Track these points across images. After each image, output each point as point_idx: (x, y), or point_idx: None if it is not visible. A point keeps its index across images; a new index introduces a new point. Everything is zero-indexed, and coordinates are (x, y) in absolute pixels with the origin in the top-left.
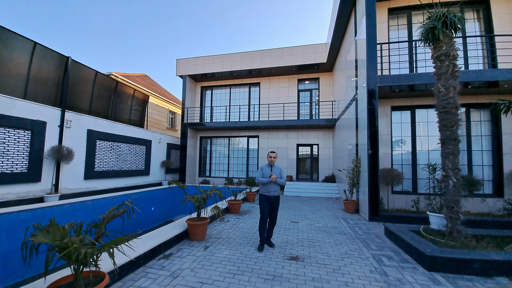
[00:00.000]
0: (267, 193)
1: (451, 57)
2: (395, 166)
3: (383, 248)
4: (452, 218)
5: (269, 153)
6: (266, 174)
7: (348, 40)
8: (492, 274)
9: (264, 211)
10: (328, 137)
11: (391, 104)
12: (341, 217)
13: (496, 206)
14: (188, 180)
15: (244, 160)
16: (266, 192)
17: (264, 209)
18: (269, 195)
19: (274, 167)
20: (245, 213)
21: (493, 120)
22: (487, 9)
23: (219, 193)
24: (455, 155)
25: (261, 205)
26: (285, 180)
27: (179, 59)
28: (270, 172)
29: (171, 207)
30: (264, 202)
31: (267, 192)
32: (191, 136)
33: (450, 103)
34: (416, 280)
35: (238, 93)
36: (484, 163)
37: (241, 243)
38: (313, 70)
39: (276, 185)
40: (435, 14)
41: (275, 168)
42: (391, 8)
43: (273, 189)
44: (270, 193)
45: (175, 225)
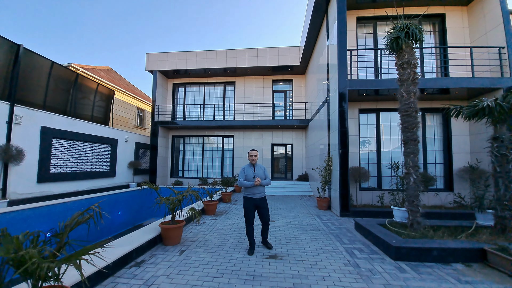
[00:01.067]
0: (252, 195)
1: (412, 65)
2: (362, 165)
3: (354, 241)
4: (412, 211)
5: (249, 151)
6: (249, 175)
7: (320, 44)
8: (448, 260)
9: (249, 215)
10: (302, 137)
11: (359, 107)
12: (315, 214)
13: (447, 199)
14: (159, 182)
15: (219, 160)
16: (251, 194)
17: (249, 213)
18: (255, 197)
19: (257, 167)
20: (222, 213)
21: (445, 123)
22: (442, 23)
23: (196, 194)
24: (415, 154)
25: (246, 209)
26: (270, 180)
27: (149, 53)
28: (253, 173)
29: (140, 210)
30: (249, 206)
31: (252, 194)
32: (162, 135)
33: (411, 107)
34: (385, 270)
35: (213, 91)
36: (437, 161)
37: (219, 244)
38: (287, 71)
39: (261, 187)
40: (399, 25)
41: (258, 168)
42: (359, 17)
43: (258, 190)
44: (255, 195)
45: (147, 230)
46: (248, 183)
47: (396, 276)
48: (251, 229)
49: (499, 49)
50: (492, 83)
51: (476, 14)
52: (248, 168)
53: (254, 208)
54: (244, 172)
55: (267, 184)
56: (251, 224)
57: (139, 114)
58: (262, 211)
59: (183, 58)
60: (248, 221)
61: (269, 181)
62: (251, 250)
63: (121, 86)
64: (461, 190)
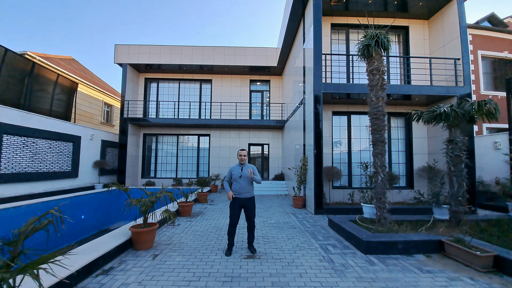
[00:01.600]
0: (239, 195)
1: (380, 72)
2: (334, 164)
3: (328, 238)
4: (380, 207)
5: (238, 151)
6: (236, 174)
7: (296, 47)
8: (411, 252)
9: (234, 215)
10: (278, 137)
11: (332, 109)
12: (291, 212)
13: (409, 196)
14: (129, 182)
15: (195, 159)
16: (237, 194)
17: (233, 213)
18: (240, 197)
19: (245, 166)
20: (197, 214)
21: (407, 127)
22: (406, 34)
23: (170, 195)
24: (382, 155)
25: (231, 208)
26: (260, 178)
27: (118, 44)
28: (240, 172)
29: (107, 214)
30: (235, 206)
31: (238, 194)
32: (132, 133)
33: (379, 111)
34: (357, 264)
35: (188, 88)
36: (400, 161)
37: (195, 247)
38: (264, 72)
39: (247, 186)
40: (369, 34)
41: (246, 167)
42: (333, 23)
43: (244, 190)
44: (241, 195)
45: (115, 235)
46: (227, 186)
47: (366, 269)
48: (233, 230)
49: (455, 61)
50: (448, 91)
51: (436, 28)
52: (236, 167)
53: (239, 208)
54: (231, 172)
55: (258, 181)
56: (234, 225)
57: (106, 109)
58: (248, 211)
59: (156, 52)
60: (231, 221)
61: (259, 178)
62: (228, 251)
63: (86, 78)
64: (420, 188)
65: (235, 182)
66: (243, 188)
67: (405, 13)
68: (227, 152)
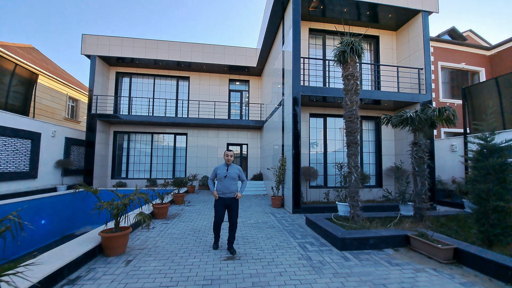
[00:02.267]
0: (222, 194)
1: (355, 77)
2: (311, 165)
3: (306, 236)
4: (353, 205)
5: (225, 151)
6: (221, 174)
7: (276, 49)
8: (382, 247)
9: (218, 215)
10: (257, 137)
11: (309, 111)
12: (270, 212)
13: (378, 194)
14: (97, 183)
15: (171, 159)
16: (221, 193)
17: (218, 213)
18: (224, 197)
19: (231, 167)
20: (174, 216)
21: (377, 129)
22: (377, 43)
23: (145, 196)
24: (356, 156)
25: (215, 208)
26: (246, 182)
27: (86, 34)
28: (225, 172)
29: (72, 218)
30: (219, 205)
31: (222, 194)
32: (101, 130)
33: (353, 114)
34: (333, 260)
35: (164, 85)
36: (370, 162)
37: (172, 250)
38: (244, 72)
39: (232, 186)
40: (345, 41)
41: (232, 168)
42: (311, 28)
43: (228, 190)
44: (225, 194)
45: (83, 240)
46: (211, 185)
47: (342, 265)
48: (218, 228)
49: (419, 70)
50: (412, 98)
51: (403, 39)
52: (222, 167)
53: (223, 208)
54: (216, 171)
55: (244, 188)
56: (218, 224)
57: (71, 104)
58: (231, 211)
59: (129, 45)
60: (216, 220)
61: (245, 184)
62: (215, 244)
63: (48, 69)
64: (388, 186)
65: (220, 181)
66: (227, 188)
67: (376, 24)
68: (205, 151)
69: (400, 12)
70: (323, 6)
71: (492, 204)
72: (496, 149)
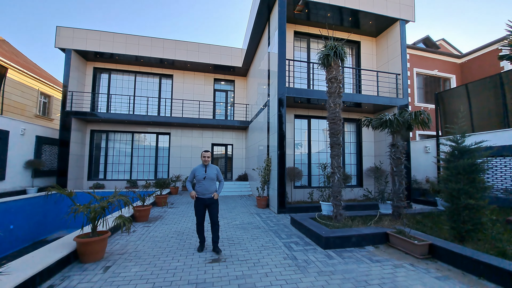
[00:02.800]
0: (202, 195)
1: (338, 81)
2: (296, 165)
3: (291, 236)
4: (336, 205)
5: (202, 152)
6: (199, 175)
7: (262, 50)
8: (363, 244)
9: (199, 215)
10: (242, 138)
11: (294, 113)
12: (255, 212)
13: (359, 194)
14: (72, 185)
15: (153, 159)
16: (201, 194)
17: (199, 213)
18: (204, 197)
19: (209, 167)
20: (156, 219)
21: (358, 131)
22: (358, 49)
23: (125, 199)
24: (339, 156)
25: (196, 208)
26: (223, 182)
27: (61, 27)
28: (204, 174)
29: (44, 222)
30: (199, 206)
31: (202, 195)
32: (77, 129)
33: (337, 116)
34: (317, 259)
35: (146, 83)
36: (352, 162)
37: (154, 254)
38: (229, 72)
39: (211, 187)
40: (329, 45)
41: (210, 168)
42: (296, 31)
43: (207, 191)
44: (205, 195)
45: (56, 246)
46: (189, 187)
47: (326, 263)
48: (201, 228)
49: (396, 76)
50: (390, 102)
51: (382, 45)
52: (200, 168)
53: (204, 208)
54: (194, 172)
55: (221, 189)
56: (200, 224)
57: (43, 100)
58: (211, 210)
59: (108, 40)
60: (198, 221)
61: (223, 184)
62: (201, 247)
63: (17, 63)
64: (368, 186)
65: (199, 183)
66: (207, 189)
67: (358, 30)
68: (189, 152)
69: (380, 19)
70: (308, 10)
71: (463, 202)
72: (466, 150)
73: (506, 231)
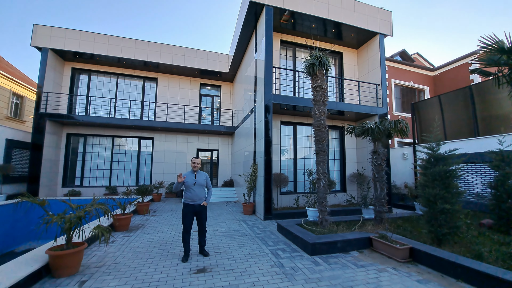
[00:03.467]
0: (192, 202)
1: (323, 89)
2: (282, 171)
3: (277, 242)
4: (322, 210)
5: (192, 158)
6: (189, 181)
7: (248, 56)
8: (348, 250)
9: (187, 222)
10: (228, 143)
11: (280, 119)
12: (241, 219)
13: (343, 199)
14: (45, 192)
15: (134, 165)
16: (191, 201)
17: (187, 220)
18: (194, 204)
19: (199, 174)
20: (137, 228)
21: (341, 138)
22: (341, 59)
23: (104, 207)
24: (324, 163)
25: (184, 215)
26: (212, 189)
27: (38, 25)
28: (194, 180)
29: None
30: (188, 213)
31: (192, 201)
32: (51, 132)
33: (322, 124)
34: (304, 266)
35: (129, 85)
36: (336, 168)
37: (135, 266)
38: (215, 77)
39: (201, 193)
40: (314, 55)
41: (200, 175)
42: (282, 40)
43: (197, 197)
44: (195, 202)
45: (26, 260)
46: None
47: (313, 270)
48: (188, 236)
49: (376, 86)
50: (371, 111)
51: (363, 57)
52: (190, 174)
53: (192, 215)
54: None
55: (210, 197)
56: (187, 231)
57: (15, 101)
58: (201, 216)
59: (89, 40)
60: (185, 228)
61: (211, 192)
62: (185, 257)
63: None
64: (352, 191)
65: (189, 189)
66: (197, 195)
67: (341, 41)
68: (173, 157)
69: (361, 32)
70: (294, 20)
71: (439, 206)
72: (442, 157)
73: (480, 234)
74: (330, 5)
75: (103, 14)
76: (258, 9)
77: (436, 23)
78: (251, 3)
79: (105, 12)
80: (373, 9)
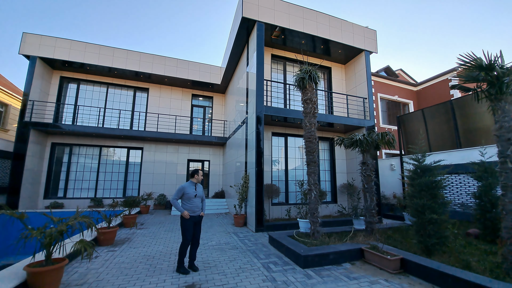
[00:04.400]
0: (192, 213)
1: (313, 102)
2: (273, 182)
3: (269, 255)
4: (314, 222)
5: (199, 171)
6: (190, 193)
7: (240, 69)
8: (340, 261)
9: (189, 233)
10: (219, 154)
11: (271, 130)
12: (232, 231)
13: (334, 210)
14: (26, 204)
15: (122, 175)
16: (191, 212)
17: (189, 231)
18: (194, 215)
19: (198, 186)
20: (123, 242)
21: (331, 149)
22: (330, 74)
23: (89, 221)
24: (315, 173)
25: (186, 226)
26: (205, 200)
27: (27, 33)
28: (194, 191)
29: None
30: (190, 224)
31: (192, 212)
32: (35, 141)
33: (312, 135)
34: (296, 279)
35: (119, 95)
36: (326, 179)
37: (120, 284)
38: (207, 88)
39: (200, 204)
40: (304, 69)
41: (199, 187)
42: (273, 54)
43: (197, 208)
44: (195, 212)
45: (3, 277)
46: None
47: (305, 283)
48: (185, 249)
49: (363, 99)
50: (359, 123)
51: (350, 72)
52: (190, 186)
53: (194, 226)
54: (183, 190)
55: (205, 207)
56: (188, 244)
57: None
58: (198, 227)
59: (80, 49)
60: (187, 240)
61: (205, 202)
62: (182, 268)
63: None
64: (342, 202)
65: (190, 201)
66: (197, 206)
67: (329, 57)
68: (163, 168)
69: (348, 49)
70: (284, 36)
71: (427, 216)
72: (427, 168)
73: (468, 244)
74: (319, 23)
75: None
76: (250, 25)
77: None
78: (244, 19)
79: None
80: (358, 28)
